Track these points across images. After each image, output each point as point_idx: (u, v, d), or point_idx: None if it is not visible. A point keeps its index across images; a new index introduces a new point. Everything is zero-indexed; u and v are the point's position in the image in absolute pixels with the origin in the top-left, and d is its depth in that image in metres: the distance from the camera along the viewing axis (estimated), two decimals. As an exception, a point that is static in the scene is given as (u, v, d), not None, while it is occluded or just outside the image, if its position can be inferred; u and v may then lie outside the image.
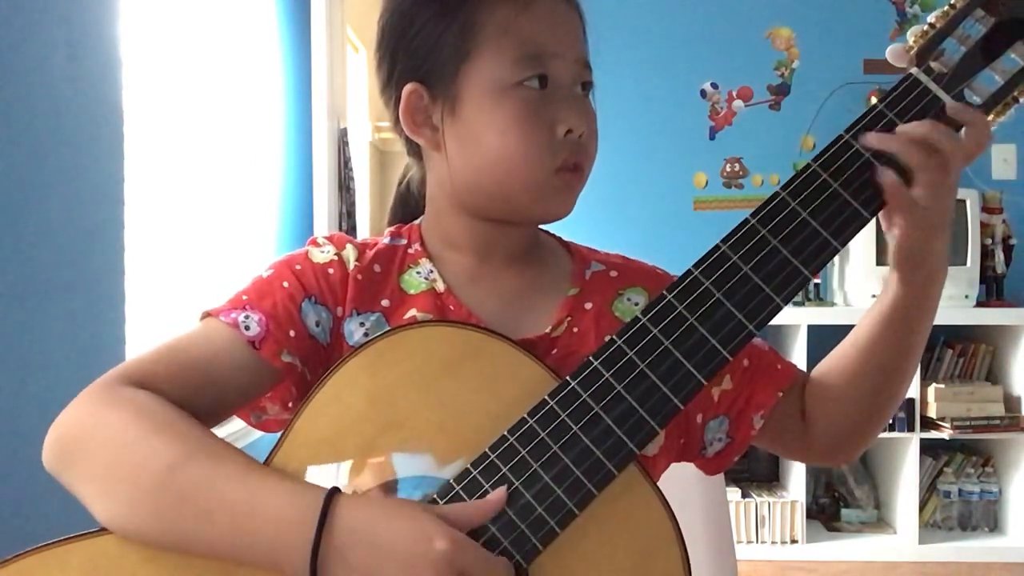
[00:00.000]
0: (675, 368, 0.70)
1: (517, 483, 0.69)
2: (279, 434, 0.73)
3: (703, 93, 3.67)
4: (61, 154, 1.39)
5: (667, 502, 0.71)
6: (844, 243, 0.72)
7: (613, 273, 0.88)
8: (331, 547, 0.64)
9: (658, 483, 0.72)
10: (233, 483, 0.67)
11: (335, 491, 0.66)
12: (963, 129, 0.72)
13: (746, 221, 0.73)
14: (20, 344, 1.29)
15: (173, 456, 0.68)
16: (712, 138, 3.68)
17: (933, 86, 0.73)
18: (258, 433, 0.85)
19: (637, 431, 0.70)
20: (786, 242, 0.72)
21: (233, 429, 2.10)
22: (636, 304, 0.86)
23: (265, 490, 0.67)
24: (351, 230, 2.94)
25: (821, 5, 3.62)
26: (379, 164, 3.75)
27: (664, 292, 0.72)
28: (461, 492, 0.69)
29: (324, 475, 0.71)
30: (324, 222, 2.83)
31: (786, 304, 0.72)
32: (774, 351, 0.89)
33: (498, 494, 0.68)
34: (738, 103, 3.66)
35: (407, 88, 0.80)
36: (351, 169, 2.96)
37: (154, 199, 1.88)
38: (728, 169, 3.68)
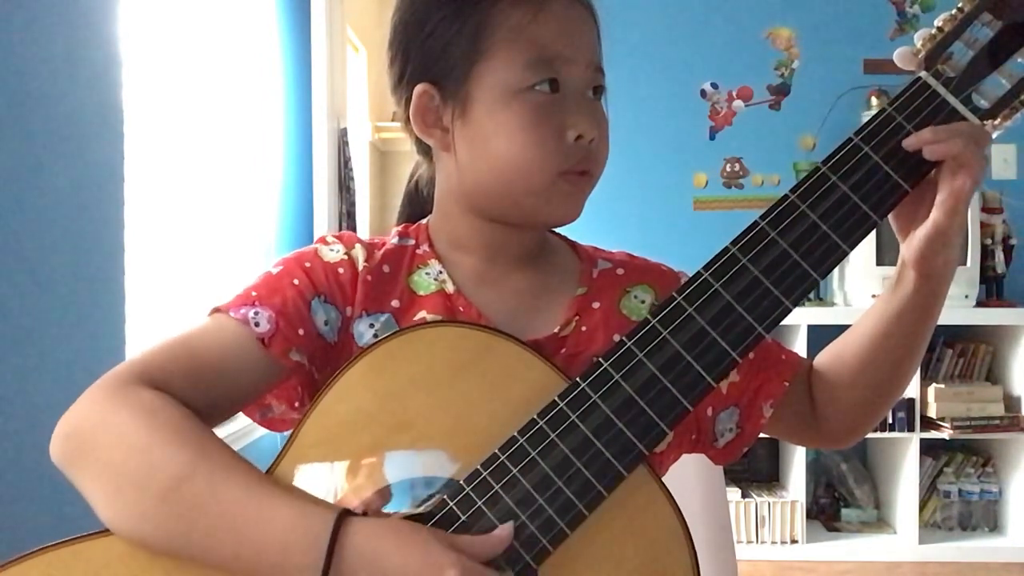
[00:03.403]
0: (685, 370, 0.71)
1: (527, 484, 0.69)
2: (288, 433, 0.73)
3: (703, 93, 3.67)
4: (61, 154, 1.38)
5: (675, 503, 0.71)
6: (853, 246, 0.73)
7: (620, 271, 0.88)
8: (340, 572, 0.64)
9: (662, 479, 0.72)
10: (240, 499, 0.66)
11: (345, 513, 0.66)
12: None
13: (756, 223, 0.73)
14: (21, 344, 1.29)
15: (181, 467, 0.67)
16: (712, 138, 3.68)
17: (942, 90, 0.74)
18: (259, 432, 0.85)
19: (647, 433, 0.70)
20: (796, 245, 0.72)
21: (234, 428, 2.10)
22: (643, 302, 0.86)
23: (273, 508, 0.66)
24: (351, 230, 2.93)
25: (821, 5, 3.62)
26: (379, 164, 3.74)
27: (674, 294, 0.72)
28: (471, 493, 0.69)
29: (333, 475, 0.70)
30: (324, 222, 2.82)
31: (795, 307, 0.72)
32: (777, 342, 0.90)
33: (504, 529, 0.68)
34: (738, 103, 3.66)
35: (418, 89, 0.80)
36: (351, 169, 2.96)
37: (154, 199, 1.88)
38: (728, 169, 3.68)
